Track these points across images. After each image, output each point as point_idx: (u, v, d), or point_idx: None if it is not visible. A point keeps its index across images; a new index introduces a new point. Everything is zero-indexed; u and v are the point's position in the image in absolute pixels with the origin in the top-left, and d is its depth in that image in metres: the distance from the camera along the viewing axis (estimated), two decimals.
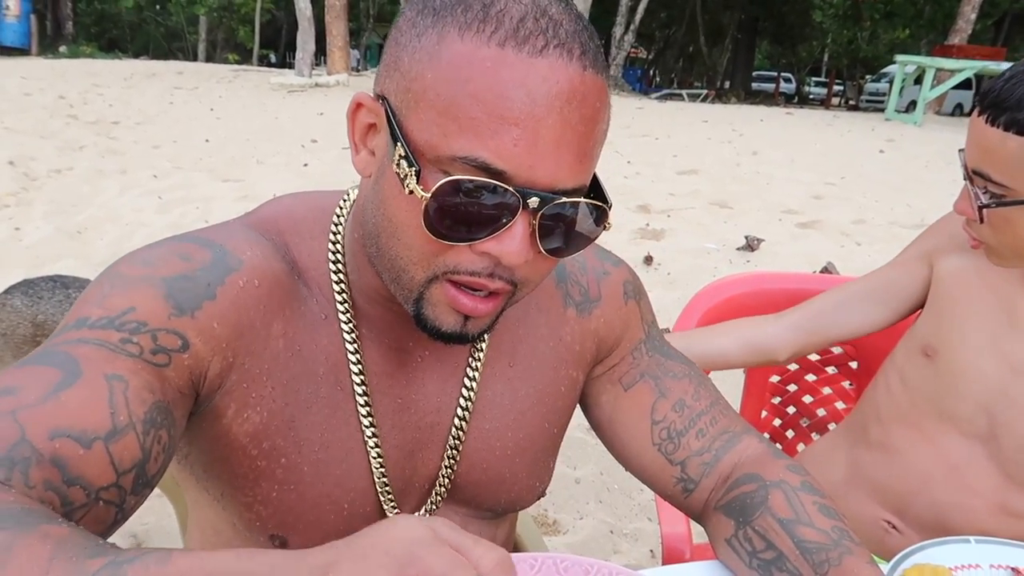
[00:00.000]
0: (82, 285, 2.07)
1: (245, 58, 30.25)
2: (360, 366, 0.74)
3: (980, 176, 1.00)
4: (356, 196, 0.74)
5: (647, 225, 5.39)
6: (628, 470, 0.90)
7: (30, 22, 23.25)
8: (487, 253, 0.61)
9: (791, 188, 6.76)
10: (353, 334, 0.73)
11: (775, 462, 0.83)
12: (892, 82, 16.14)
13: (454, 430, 0.79)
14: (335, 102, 11.68)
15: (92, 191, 5.69)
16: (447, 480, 0.80)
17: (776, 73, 33.92)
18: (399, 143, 0.60)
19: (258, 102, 11.58)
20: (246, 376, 0.68)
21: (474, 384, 0.79)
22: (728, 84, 30.08)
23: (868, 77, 28.79)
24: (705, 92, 23.17)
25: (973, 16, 17.41)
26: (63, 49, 23.87)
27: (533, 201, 0.59)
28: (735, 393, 1.51)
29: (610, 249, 0.90)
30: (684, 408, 0.86)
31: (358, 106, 0.65)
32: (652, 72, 35.70)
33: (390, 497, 0.77)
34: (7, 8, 22.15)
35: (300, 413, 0.71)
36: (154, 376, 0.60)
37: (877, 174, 7.73)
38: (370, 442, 0.74)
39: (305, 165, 6.81)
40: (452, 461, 0.79)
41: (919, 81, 14.94)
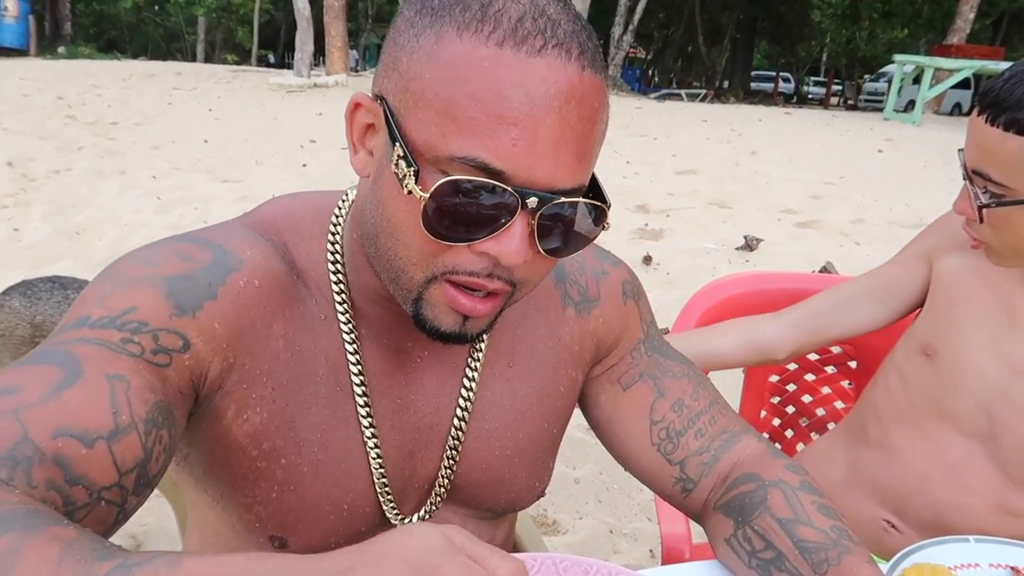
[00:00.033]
0: (80, 286, 2.07)
1: (244, 59, 30.23)
2: (359, 367, 0.73)
3: (980, 176, 1.00)
4: (355, 196, 0.74)
5: (646, 225, 5.39)
6: (627, 470, 0.90)
7: (28, 23, 23.24)
8: (486, 253, 0.61)
9: (790, 188, 6.76)
10: (352, 334, 0.73)
11: (774, 462, 0.83)
12: (891, 82, 16.15)
13: (453, 430, 0.78)
14: (334, 102, 11.67)
15: (91, 192, 5.69)
16: (447, 480, 0.80)
17: (775, 73, 33.91)
18: (397, 143, 0.60)
19: (257, 103, 11.57)
20: (246, 377, 0.68)
21: (473, 384, 0.79)
22: (727, 84, 30.08)
23: (867, 77, 28.80)
24: (704, 92, 23.17)
25: (972, 15, 17.41)
26: (61, 50, 23.85)
27: (532, 201, 0.59)
28: (734, 393, 1.51)
29: (609, 249, 0.90)
30: (683, 408, 0.86)
31: (356, 106, 0.65)
32: (651, 72, 35.71)
33: (389, 498, 0.77)
34: (5, 9, 22.14)
35: (300, 414, 0.71)
36: (155, 376, 0.60)
37: (876, 174, 7.73)
38: (370, 443, 0.74)
39: (304, 165, 6.81)
40: (451, 461, 0.79)
41: (918, 81, 14.95)
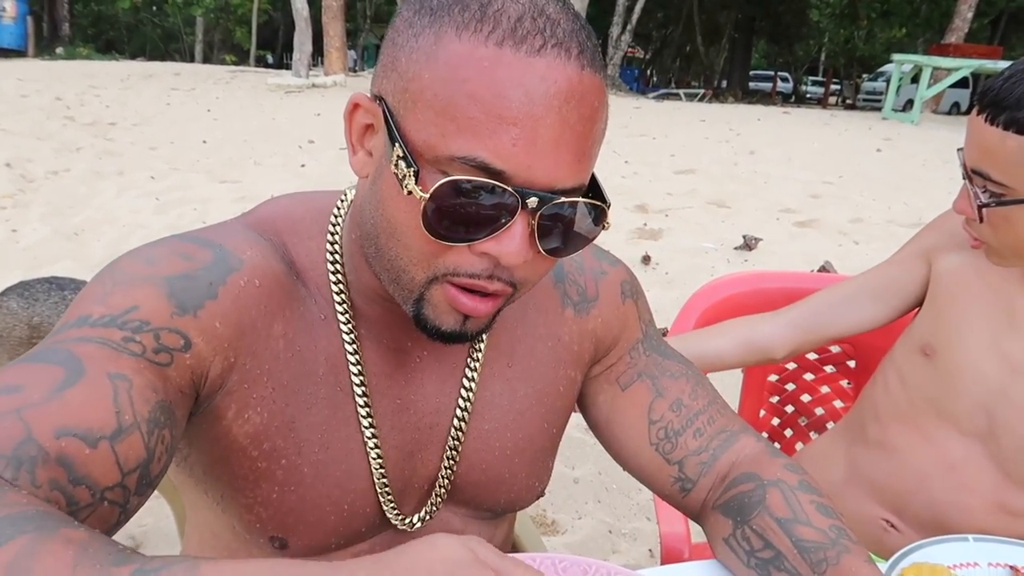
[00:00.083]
0: (78, 287, 2.07)
1: (242, 59, 30.21)
2: (359, 367, 0.73)
3: (979, 175, 1.00)
4: (353, 196, 0.74)
5: (645, 225, 5.40)
6: (626, 470, 0.90)
7: (27, 24, 23.22)
8: (486, 254, 0.61)
9: (788, 187, 6.77)
10: (352, 335, 0.73)
11: (772, 461, 0.83)
12: (889, 81, 16.17)
13: (453, 431, 0.78)
14: (332, 103, 11.67)
15: (89, 192, 5.68)
16: (447, 481, 0.80)
17: (773, 72, 33.88)
18: (397, 143, 0.59)
19: (255, 103, 11.57)
20: (247, 376, 0.68)
21: (473, 384, 0.79)
22: (725, 83, 30.08)
23: (865, 76, 28.79)
24: (702, 91, 23.17)
25: (970, 15, 17.43)
26: (60, 51, 23.84)
27: (532, 201, 0.59)
28: (733, 392, 1.51)
29: (608, 249, 0.90)
30: (681, 407, 0.86)
31: (355, 107, 0.65)
32: (649, 72, 35.73)
33: (390, 498, 0.77)
34: (3, 10, 22.11)
35: (300, 414, 0.71)
36: (156, 375, 0.60)
37: (874, 173, 7.73)
38: (370, 443, 0.74)
39: (302, 166, 6.81)
40: (451, 462, 0.79)
41: (916, 80, 14.96)
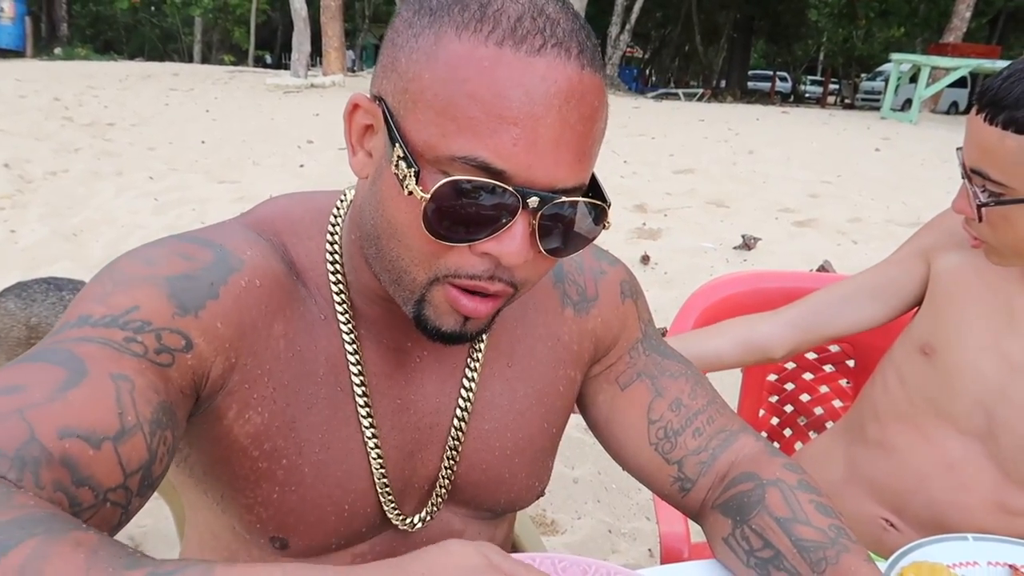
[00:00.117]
0: (76, 287, 2.07)
1: (241, 59, 30.17)
2: (359, 367, 0.73)
3: (978, 175, 1.00)
4: (353, 197, 0.74)
5: (644, 224, 5.40)
6: (625, 469, 0.90)
7: (25, 24, 23.20)
8: (487, 254, 0.61)
9: (787, 187, 6.77)
10: (352, 335, 0.73)
11: (772, 460, 0.83)
12: (887, 80, 16.17)
13: (453, 431, 0.78)
14: (331, 103, 11.66)
15: (88, 193, 5.68)
16: (447, 481, 0.80)
17: (772, 72, 33.86)
18: (397, 144, 0.59)
19: (254, 103, 11.56)
20: (248, 377, 0.68)
21: (473, 385, 0.79)
22: (724, 83, 30.08)
23: (863, 76, 28.80)
24: (701, 91, 23.17)
25: (968, 14, 17.44)
26: (58, 51, 23.81)
27: (533, 201, 0.58)
28: (733, 392, 1.51)
29: (607, 248, 0.90)
30: (681, 407, 0.86)
31: (355, 107, 0.65)
32: (648, 71, 35.72)
33: (390, 498, 0.77)
34: (1, 10, 22.09)
35: (301, 414, 0.71)
36: (158, 376, 0.60)
37: (873, 172, 7.74)
38: (370, 443, 0.74)
39: (301, 166, 6.80)
40: (452, 462, 0.79)
41: (914, 79, 14.96)
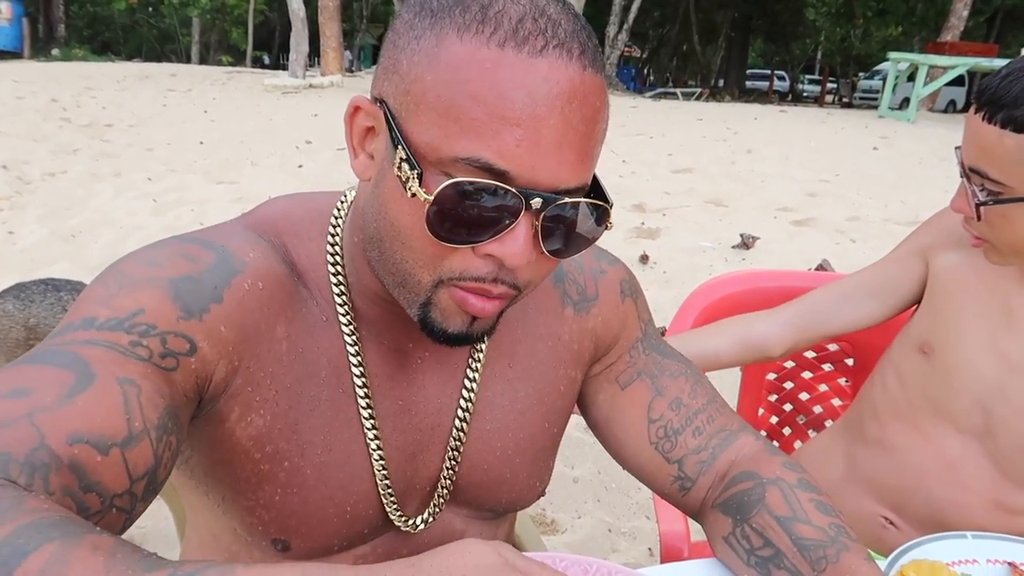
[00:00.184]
0: (74, 287, 2.07)
1: (238, 60, 30.15)
2: (361, 368, 0.73)
3: (977, 174, 1.00)
4: (354, 198, 0.73)
5: (643, 224, 5.40)
6: (625, 469, 0.90)
7: (22, 25, 23.20)
8: (490, 255, 0.61)
9: (786, 186, 6.78)
10: (354, 336, 0.73)
11: (771, 459, 0.84)
12: (885, 79, 16.18)
13: (455, 431, 0.78)
14: (329, 103, 11.66)
15: (86, 194, 5.68)
16: (449, 482, 0.80)
17: (770, 71, 33.93)
18: (400, 146, 0.59)
19: (252, 104, 11.56)
20: (250, 379, 0.68)
21: (474, 385, 0.79)
22: (722, 82, 30.09)
23: (861, 74, 28.81)
24: (699, 90, 23.19)
25: (965, 13, 17.48)
26: (56, 52, 23.79)
27: (536, 202, 0.58)
28: (732, 391, 1.51)
29: (605, 248, 0.90)
30: (681, 406, 0.86)
31: (356, 109, 0.64)
32: (646, 71, 35.73)
33: (392, 499, 0.77)
34: None
35: (303, 416, 0.71)
36: (163, 380, 0.59)
37: (871, 171, 7.75)
38: (372, 444, 0.74)
39: (300, 166, 6.80)
40: (453, 462, 0.79)
41: (912, 78, 15.00)
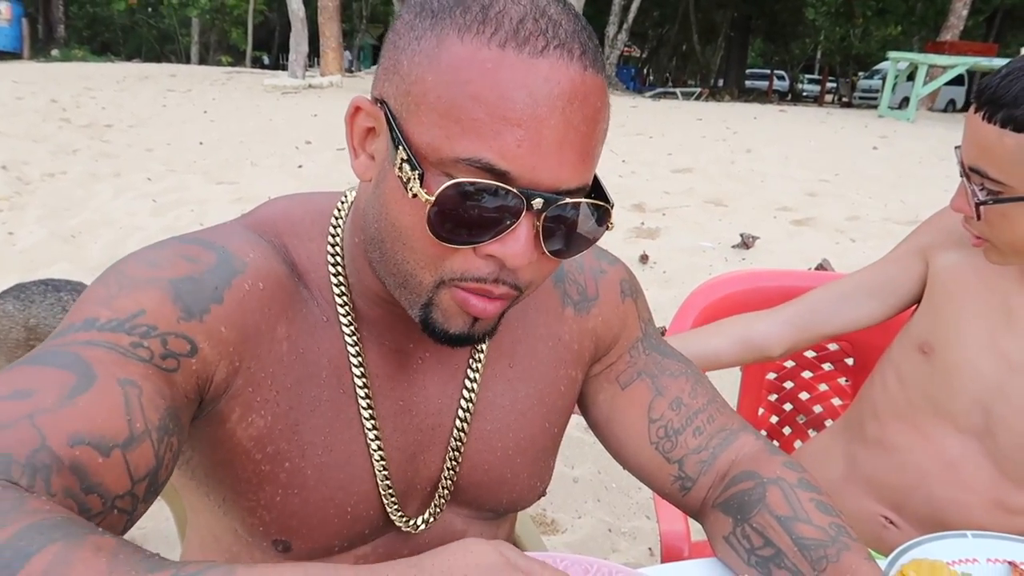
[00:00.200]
0: (74, 288, 2.07)
1: (238, 60, 30.14)
2: (362, 369, 0.73)
3: (977, 173, 1.00)
4: (354, 199, 0.74)
5: (642, 224, 5.40)
6: (626, 469, 0.90)
7: (22, 26, 23.20)
8: (491, 256, 0.61)
9: (785, 185, 6.78)
10: (354, 337, 0.73)
11: (772, 459, 0.84)
12: (885, 79, 16.19)
13: (455, 432, 0.78)
14: (329, 103, 11.66)
15: (86, 195, 5.67)
16: (449, 482, 0.80)
17: (769, 71, 33.94)
18: (401, 147, 0.59)
19: (252, 104, 11.55)
20: (251, 380, 0.68)
21: (475, 385, 0.79)
22: (722, 82, 30.10)
23: (861, 74, 28.80)
24: (699, 90, 23.19)
25: (965, 12, 17.48)
26: (55, 53, 23.80)
27: (537, 202, 0.58)
28: (732, 390, 1.52)
29: (605, 248, 0.90)
30: (681, 406, 0.86)
31: (356, 110, 0.64)
32: (646, 71, 35.73)
33: (393, 500, 0.77)
34: None
35: (304, 417, 0.71)
36: (164, 381, 0.60)
37: (871, 170, 7.75)
38: (373, 445, 0.74)
39: (299, 167, 6.80)
40: (454, 463, 0.79)
41: (912, 78, 15.00)
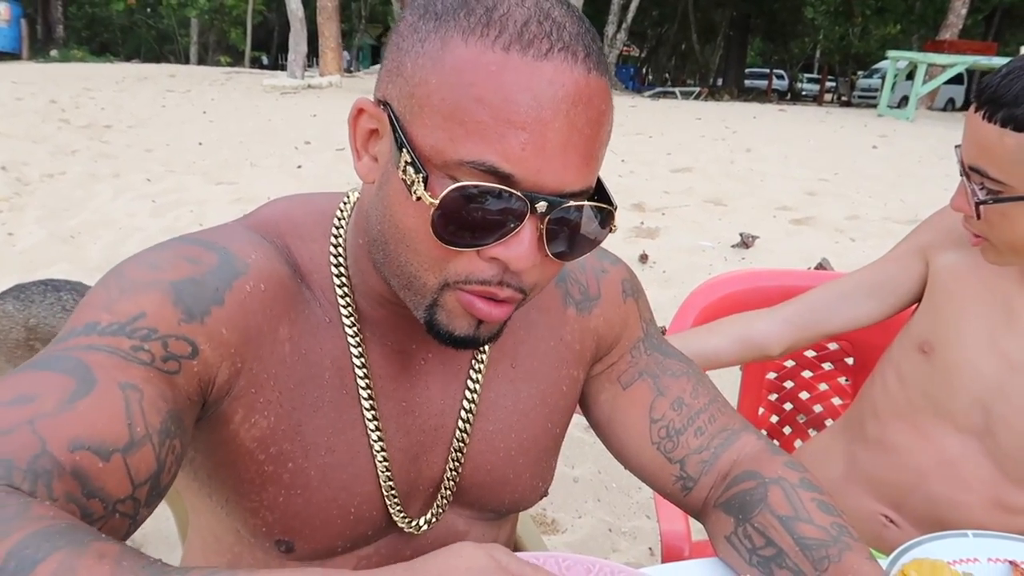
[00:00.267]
0: (74, 287, 2.07)
1: (237, 60, 30.12)
2: (365, 370, 0.73)
3: (977, 172, 1.00)
4: (357, 200, 0.74)
5: (642, 224, 5.40)
6: (627, 469, 0.90)
7: (20, 27, 23.20)
8: (495, 259, 0.61)
9: (785, 185, 6.78)
10: (357, 338, 0.73)
11: (773, 459, 0.84)
12: (884, 78, 16.19)
13: (458, 432, 0.78)
14: (328, 103, 11.66)
15: (85, 195, 5.67)
16: (452, 483, 0.80)
17: (768, 70, 33.94)
18: (404, 149, 0.59)
19: (251, 104, 11.55)
20: (253, 381, 0.68)
21: (477, 386, 0.79)
22: (721, 81, 30.09)
23: (860, 73, 28.79)
24: (698, 90, 23.20)
25: (964, 11, 17.49)
26: (54, 53, 23.79)
27: (541, 205, 0.58)
28: (732, 390, 1.52)
29: (605, 247, 0.90)
30: (682, 406, 0.86)
31: (359, 112, 0.64)
32: (645, 70, 35.70)
33: (396, 501, 0.77)
34: None
35: (306, 417, 0.71)
36: (166, 384, 0.60)
37: (870, 170, 7.75)
38: (376, 446, 0.74)
39: (299, 167, 6.80)
40: (456, 463, 0.79)
41: (911, 77, 15.00)
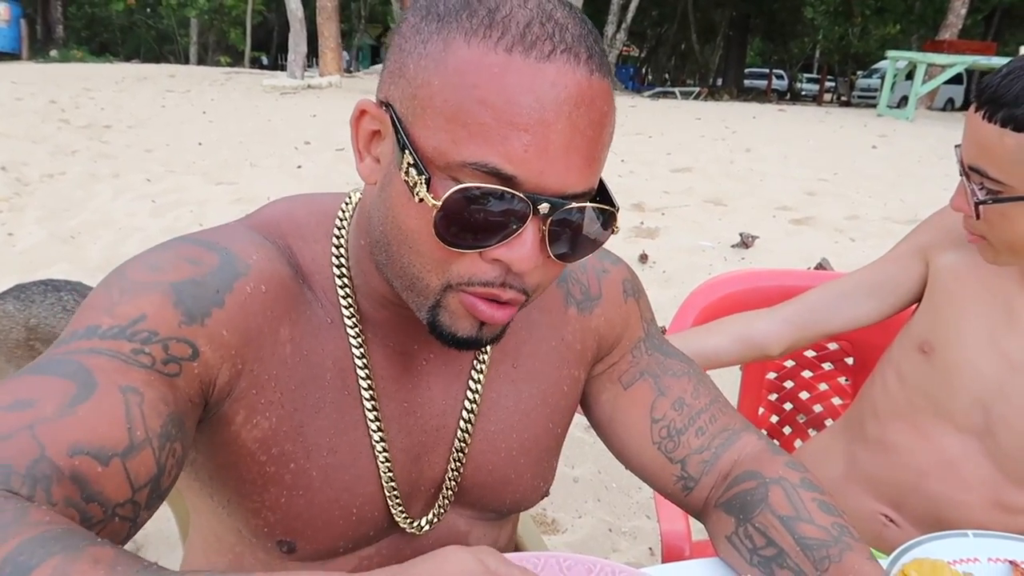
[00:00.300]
0: (74, 288, 2.07)
1: (237, 60, 30.12)
2: (367, 370, 0.73)
3: (977, 172, 1.00)
4: (359, 201, 0.73)
5: (642, 223, 5.40)
6: (628, 469, 0.90)
7: (20, 27, 23.20)
8: (498, 260, 0.61)
9: (785, 185, 6.78)
10: (359, 338, 0.73)
11: (774, 459, 0.84)
12: (884, 78, 16.19)
13: (460, 433, 0.78)
14: (328, 103, 11.66)
15: (85, 195, 5.67)
16: (453, 483, 0.80)
17: (768, 70, 33.96)
18: (407, 150, 0.59)
19: (250, 104, 11.55)
20: (255, 382, 0.68)
21: (479, 387, 0.79)
22: (720, 81, 30.10)
23: (860, 73, 28.80)
24: (698, 90, 23.19)
25: (963, 11, 17.50)
26: (54, 53, 23.78)
27: (543, 207, 0.59)
28: (732, 390, 1.52)
29: (605, 248, 0.90)
30: (683, 406, 0.86)
31: (362, 113, 0.64)
32: (644, 70, 35.70)
33: (398, 501, 0.77)
34: None
35: (308, 418, 0.71)
36: (167, 387, 0.60)
37: (870, 169, 7.75)
38: (378, 446, 0.74)
39: (299, 167, 6.80)
40: (458, 464, 0.79)
41: (910, 76, 15.01)
